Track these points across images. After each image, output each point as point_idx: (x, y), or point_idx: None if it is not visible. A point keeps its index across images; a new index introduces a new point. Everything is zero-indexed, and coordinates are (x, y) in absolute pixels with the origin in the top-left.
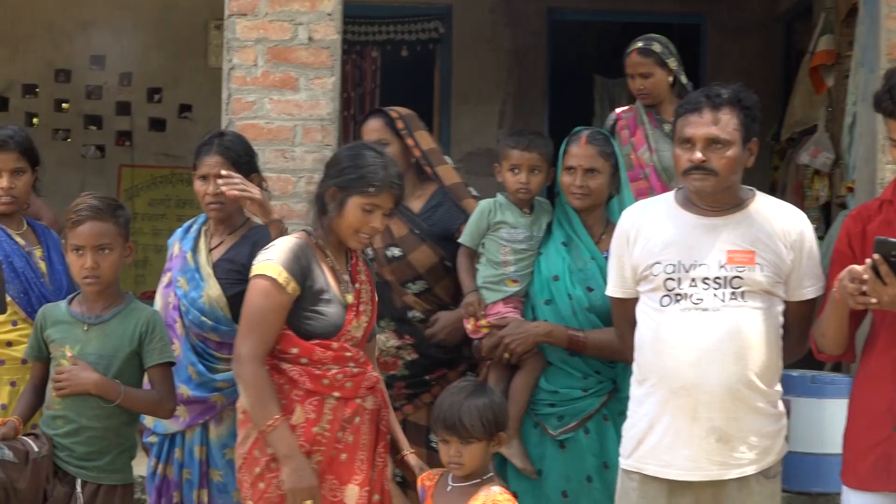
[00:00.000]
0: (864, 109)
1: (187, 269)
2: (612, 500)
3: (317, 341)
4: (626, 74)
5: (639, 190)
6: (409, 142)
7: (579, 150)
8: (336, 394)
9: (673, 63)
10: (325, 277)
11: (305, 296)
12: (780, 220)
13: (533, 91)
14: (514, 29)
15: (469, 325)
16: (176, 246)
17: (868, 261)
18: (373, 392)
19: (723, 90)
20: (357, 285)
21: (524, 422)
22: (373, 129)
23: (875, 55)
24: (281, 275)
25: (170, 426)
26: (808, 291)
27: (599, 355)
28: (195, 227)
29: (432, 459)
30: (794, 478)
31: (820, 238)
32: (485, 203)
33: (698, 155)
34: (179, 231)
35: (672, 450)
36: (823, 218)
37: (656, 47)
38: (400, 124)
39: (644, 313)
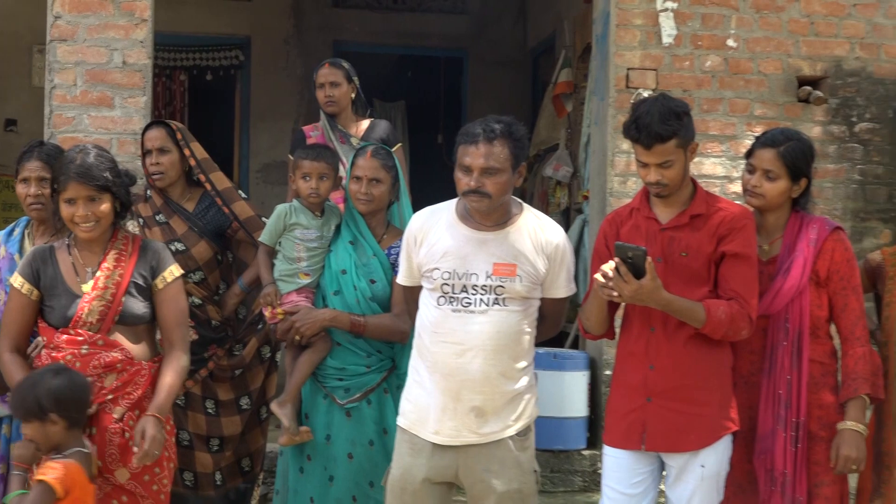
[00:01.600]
0: (596, 131)
1: (14, 268)
2: (389, 460)
3: (61, 329)
4: (317, 85)
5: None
6: (187, 151)
7: (365, 163)
8: None
9: (356, 81)
10: (59, 274)
11: (43, 292)
12: (541, 235)
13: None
14: (304, 58)
15: (267, 312)
16: (2, 248)
17: (611, 262)
18: (112, 370)
19: (496, 125)
20: (100, 273)
21: (315, 394)
22: (155, 137)
23: (605, 86)
24: (16, 280)
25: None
26: (561, 292)
27: (378, 337)
28: (18, 229)
29: (209, 424)
30: (541, 438)
31: None
32: (281, 207)
33: (473, 183)
34: (3, 234)
35: (440, 421)
36: (564, 222)
37: (345, 64)
38: (179, 135)
39: (425, 305)
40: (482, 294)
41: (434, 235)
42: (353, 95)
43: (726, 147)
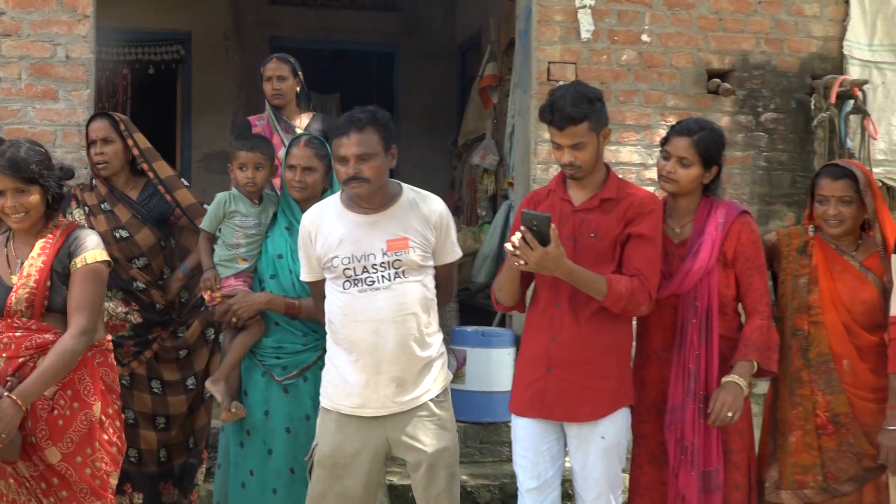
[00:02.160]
0: (519, 122)
1: None
2: None
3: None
4: (264, 78)
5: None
6: (130, 142)
7: (299, 152)
8: (4, 355)
9: (301, 76)
10: None
11: None
12: (424, 206)
13: (258, 104)
14: (243, 52)
15: (206, 296)
16: None
17: (518, 232)
18: (44, 351)
19: (362, 114)
20: (25, 263)
21: (253, 371)
22: (99, 128)
23: (527, 79)
24: None
25: None
26: (448, 257)
27: (312, 318)
28: None
29: (155, 403)
30: (469, 411)
31: (488, 223)
32: (221, 195)
33: (351, 171)
34: None
35: (363, 396)
36: (491, 207)
37: (292, 59)
38: (122, 126)
39: (332, 293)
40: (382, 271)
41: (327, 227)
42: (297, 89)
43: (641, 136)
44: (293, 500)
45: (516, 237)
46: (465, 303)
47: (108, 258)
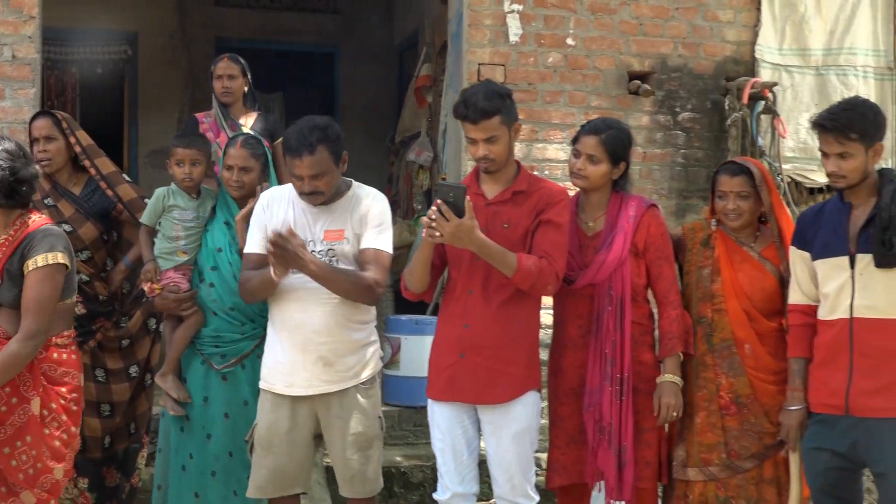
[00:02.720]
0: (452, 120)
1: None
2: None
3: None
4: (214, 76)
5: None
6: (72, 139)
7: (236, 152)
8: None
9: (249, 77)
10: None
11: None
12: (362, 202)
13: (203, 102)
14: (189, 52)
15: (146, 287)
16: None
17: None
18: None
19: (312, 135)
20: None
21: (192, 359)
22: (41, 126)
23: (459, 79)
24: None
25: None
26: (371, 243)
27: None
28: None
29: (99, 391)
30: (403, 395)
31: (423, 216)
32: (160, 190)
33: (307, 188)
34: None
35: (291, 374)
36: (427, 201)
37: (242, 60)
38: (65, 124)
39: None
40: (319, 258)
41: (279, 207)
42: (245, 89)
43: (566, 134)
44: (232, 482)
45: (432, 210)
46: (401, 292)
47: (64, 262)
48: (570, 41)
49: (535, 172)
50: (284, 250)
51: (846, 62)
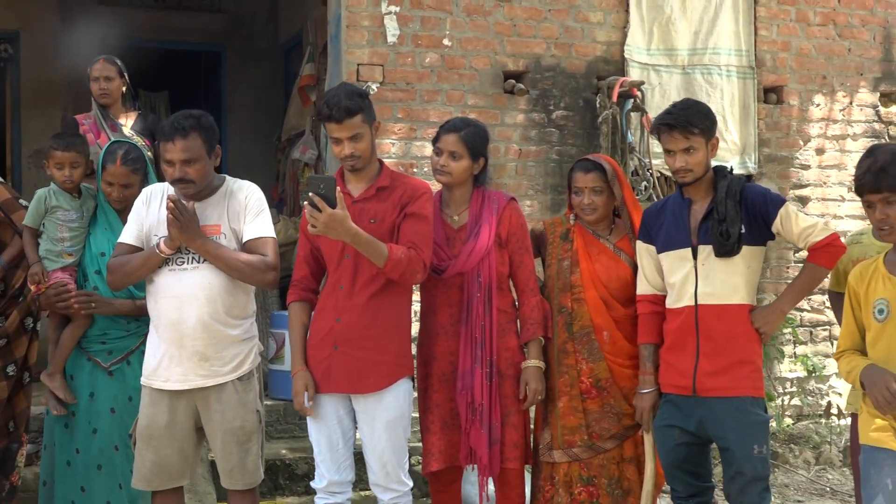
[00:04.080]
0: None
1: None
2: None
3: None
4: (91, 78)
5: None
6: None
7: (115, 170)
8: None
9: (126, 77)
10: None
11: None
12: (240, 195)
13: (87, 100)
14: (71, 51)
15: (33, 288)
16: None
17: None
18: None
19: (186, 121)
20: None
21: (79, 358)
22: None
23: (339, 79)
24: None
25: None
26: (253, 232)
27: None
28: None
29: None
30: (288, 390)
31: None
32: (41, 192)
33: (177, 174)
34: None
35: (168, 369)
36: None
37: (118, 61)
38: None
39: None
40: (194, 253)
41: (156, 203)
42: (123, 89)
43: None
44: (118, 476)
45: (306, 203)
46: (286, 288)
47: None
48: (446, 42)
49: (414, 170)
50: (182, 213)
51: (710, 62)
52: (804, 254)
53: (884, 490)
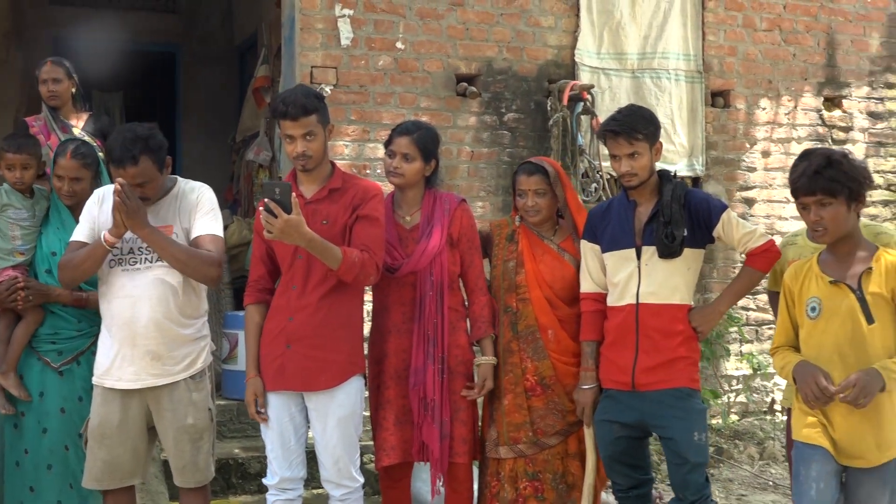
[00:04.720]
0: None
1: None
2: None
3: None
4: (39, 81)
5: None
6: None
7: (66, 163)
8: None
9: (76, 78)
10: None
11: None
12: (191, 196)
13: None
14: (24, 52)
15: None
16: None
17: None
18: None
19: (134, 146)
20: None
21: (29, 357)
22: None
23: (292, 81)
24: None
25: None
26: (202, 229)
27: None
28: None
29: None
30: (242, 390)
31: None
32: None
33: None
34: None
35: (121, 368)
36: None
37: (66, 62)
38: None
39: (101, 270)
40: (147, 254)
41: (108, 203)
42: (73, 90)
43: None
44: (68, 475)
45: (261, 209)
46: (240, 289)
47: None
48: (399, 45)
49: (368, 172)
50: (129, 199)
51: (659, 66)
52: None
53: (816, 486)
